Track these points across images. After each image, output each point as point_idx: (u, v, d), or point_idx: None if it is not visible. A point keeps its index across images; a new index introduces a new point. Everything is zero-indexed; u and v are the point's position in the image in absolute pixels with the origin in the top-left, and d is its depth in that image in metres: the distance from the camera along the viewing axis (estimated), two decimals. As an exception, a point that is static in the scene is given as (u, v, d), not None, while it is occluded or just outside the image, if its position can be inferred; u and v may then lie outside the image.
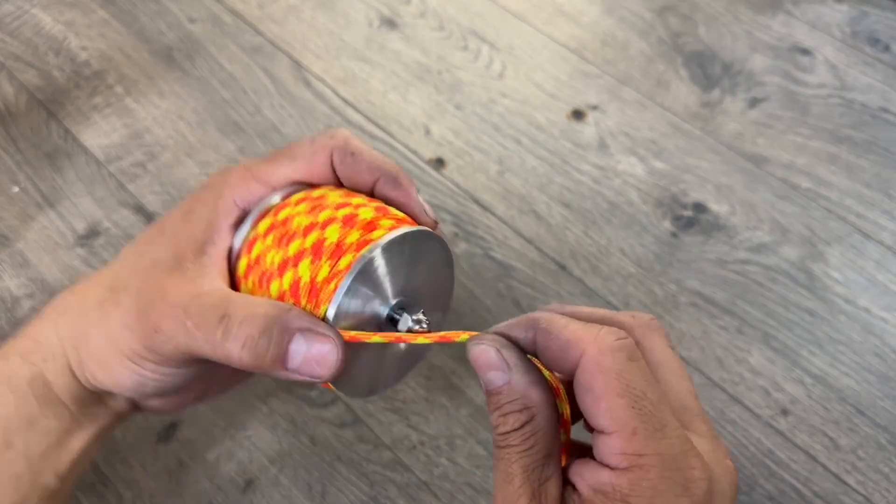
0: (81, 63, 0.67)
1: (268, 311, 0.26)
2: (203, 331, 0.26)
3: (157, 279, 0.28)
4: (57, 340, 0.29)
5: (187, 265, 0.28)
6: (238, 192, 0.30)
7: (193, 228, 0.29)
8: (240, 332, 0.25)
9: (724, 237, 0.57)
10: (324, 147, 0.30)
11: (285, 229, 0.28)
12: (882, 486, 0.47)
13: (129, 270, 0.29)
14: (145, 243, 0.30)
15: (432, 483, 0.47)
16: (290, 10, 0.71)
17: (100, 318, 0.28)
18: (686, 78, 0.67)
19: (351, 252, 0.26)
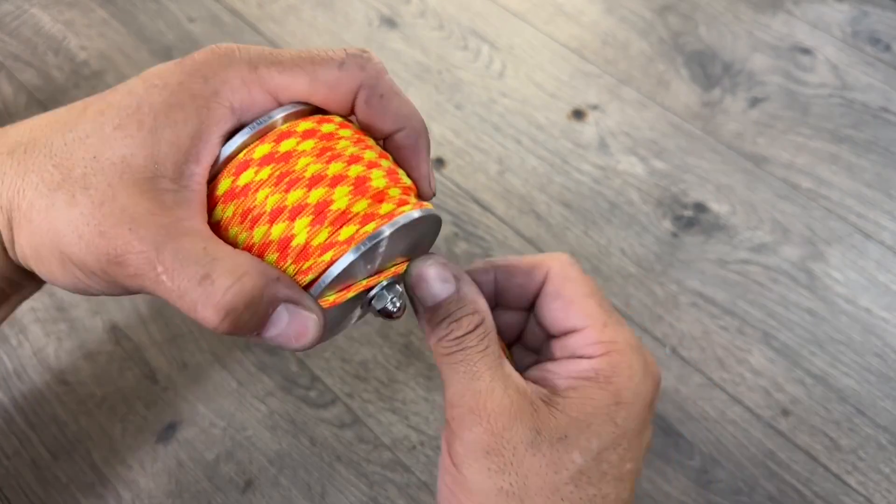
0: (80, 63, 0.67)
1: (256, 282, 0.23)
2: (176, 285, 0.22)
3: (125, 191, 0.23)
4: (17, 195, 0.24)
5: (164, 183, 0.24)
6: (237, 96, 0.25)
7: (178, 131, 0.24)
8: (222, 301, 0.22)
9: (724, 237, 0.57)
10: (352, 77, 0.26)
11: (287, 167, 0.25)
12: (883, 487, 0.47)
13: (96, 154, 0.24)
14: (114, 128, 0.25)
15: (432, 483, 0.46)
16: (290, 9, 0.71)
17: (47, 207, 0.24)
18: (686, 78, 0.67)
19: (355, 224, 0.24)
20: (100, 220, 0.23)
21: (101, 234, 0.23)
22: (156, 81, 0.25)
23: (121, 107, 0.25)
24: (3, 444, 0.48)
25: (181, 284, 0.22)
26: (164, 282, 0.22)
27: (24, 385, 0.50)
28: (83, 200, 0.23)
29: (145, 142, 0.24)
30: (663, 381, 0.50)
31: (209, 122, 0.25)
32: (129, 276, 0.23)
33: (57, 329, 0.52)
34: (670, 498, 0.46)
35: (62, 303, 0.53)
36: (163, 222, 0.23)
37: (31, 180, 0.24)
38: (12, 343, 0.52)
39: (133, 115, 0.25)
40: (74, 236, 0.23)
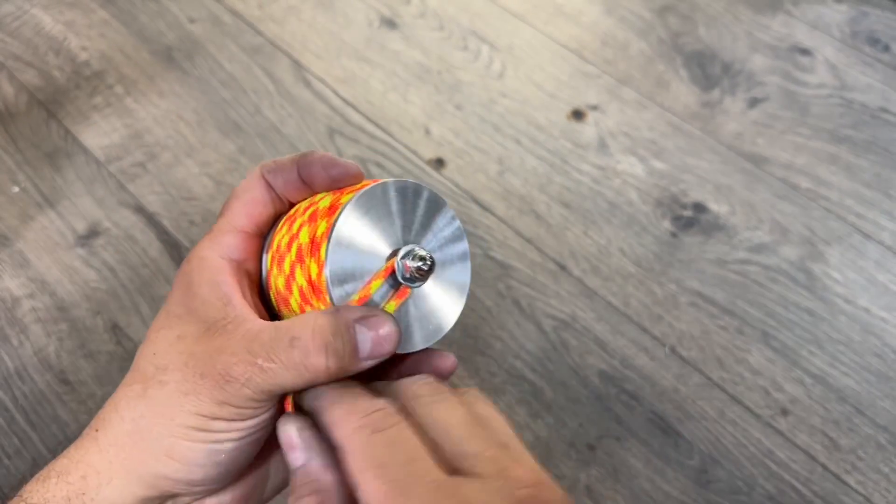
0: (81, 63, 0.67)
1: (326, 318, 0.27)
2: (279, 360, 0.27)
3: (195, 347, 0.28)
4: (98, 454, 0.29)
5: (219, 323, 0.29)
6: (216, 250, 0.31)
7: (202, 295, 0.30)
8: (316, 344, 0.27)
9: (723, 237, 0.57)
10: (254, 171, 0.32)
11: (279, 254, 0.31)
12: (882, 486, 0.47)
13: (156, 355, 0.29)
14: (157, 330, 0.30)
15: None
16: (290, 10, 0.71)
17: (147, 406, 0.28)
18: (686, 78, 0.67)
19: (324, 242, 0.28)
20: (195, 371, 0.28)
21: (202, 376, 0.27)
22: (167, 300, 0.31)
23: (155, 323, 0.30)
24: (4, 444, 0.48)
25: (280, 357, 0.27)
26: (268, 366, 0.27)
27: (25, 385, 0.50)
28: (171, 375, 0.28)
29: (185, 319, 0.29)
30: (662, 381, 0.51)
31: (214, 273, 0.30)
32: (244, 384, 0.27)
33: (58, 329, 0.52)
34: (670, 497, 0.47)
35: (63, 303, 0.54)
36: (236, 338, 0.28)
37: (122, 409, 0.29)
38: (13, 343, 0.52)
39: (167, 317, 0.30)
40: (185, 399, 0.27)
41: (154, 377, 0.28)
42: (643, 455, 0.48)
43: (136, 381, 0.29)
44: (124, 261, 0.56)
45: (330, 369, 0.27)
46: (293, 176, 0.32)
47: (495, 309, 0.54)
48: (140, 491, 0.29)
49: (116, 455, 0.29)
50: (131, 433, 0.28)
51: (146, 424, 0.28)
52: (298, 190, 0.32)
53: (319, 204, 0.30)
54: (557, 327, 0.53)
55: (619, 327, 0.53)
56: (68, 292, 0.54)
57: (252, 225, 0.32)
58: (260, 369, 0.27)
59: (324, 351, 0.27)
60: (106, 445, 0.29)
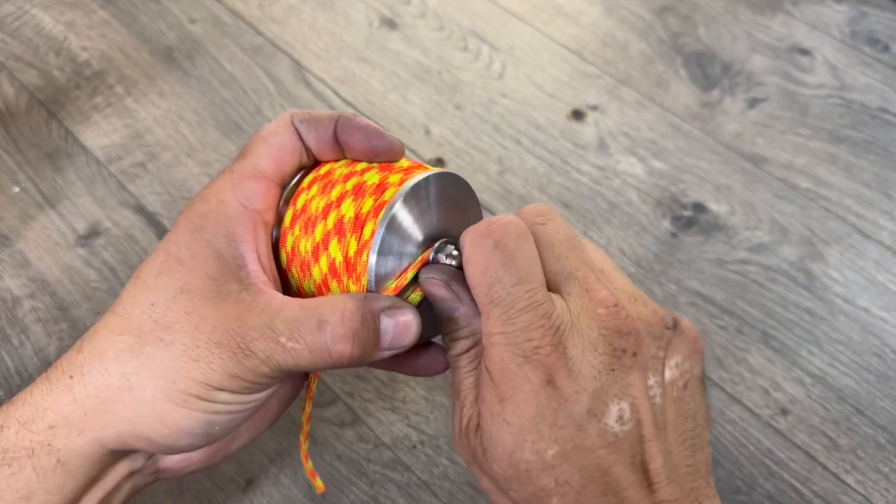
0: (82, 63, 0.67)
1: (355, 305, 0.27)
2: (303, 342, 0.26)
3: (206, 309, 0.26)
4: (73, 404, 0.26)
5: (231, 286, 0.27)
6: (237, 194, 0.29)
7: (215, 246, 0.27)
8: (345, 331, 0.26)
9: (723, 237, 0.57)
10: (283, 116, 0.30)
11: (308, 216, 0.29)
12: (881, 486, 0.47)
13: (155, 307, 0.27)
14: (154, 275, 0.27)
15: (432, 483, 0.47)
16: (291, 10, 0.71)
17: (143, 365, 0.26)
18: (686, 78, 0.67)
19: (370, 221, 0.27)
20: (206, 338, 0.26)
21: (217, 345, 0.26)
22: (168, 237, 0.28)
23: (153, 263, 0.28)
24: (5, 444, 0.48)
25: (306, 340, 0.26)
26: (290, 345, 0.26)
27: (26, 384, 0.50)
28: (177, 336, 0.26)
29: (191, 270, 0.27)
30: (662, 381, 0.51)
31: (233, 223, 0.28)
32: (263, 361, 0.26)
33: (58, 329, 0.53)
34: (669, 497, 0.47)
35: (63, 302, 0.54)
36: (257, 311, 0.26)
37: (108, 360, 0.27)
38: (14, 343, 0.52)
39: (167, 259, 0.28)
40: (192, 365, 0.26)
41: (153, 333, 0.26)
42: (643, 455, 0.48)
43: (127, 331, 0.27)
44: (125, 261, 0.56)
45: (353, 356, 0.27)
46: (328, 134, 0.30)
47: (495, 309, 0.54)
48: (110, 444, 0.27)
49: (95, 408, 0.26)
50: (118, 389, 0.26)
51: (139, 383, 0.26)
52: (331, 149, 0.31)
53: (366, 177, 0.29)
54: (557, 327, 0.53)
55: (618, 327, 0.53)
56: (69, 292, 0.54)
57: (277, 172, 0.30)
58: (283, 348, 0.26)
59: (351, 338, 0.27)
60: (83, 396, 0.26)
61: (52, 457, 0.26)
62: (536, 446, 0.25)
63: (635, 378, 0.27)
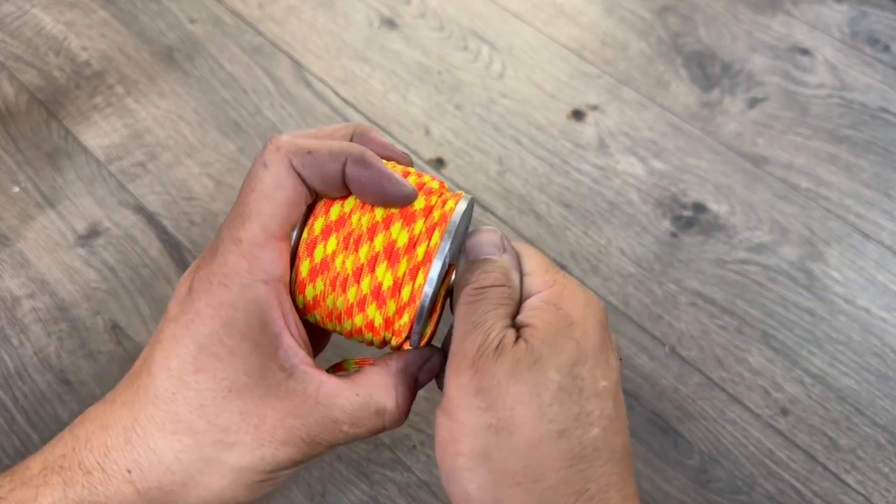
0: (82, 63, 0.67)
1: (404, 384, 0.29)
2: (365, 428, 0.28)
3: (262, 409, 0.27)
4: (135, 494, 0.27)
5: (276, 376, 0.27)
6: (256, 271, 0.27)
7: (250, 337, 0.27)
8: (399, 413, 0.29)
9: (723, 237, 0.57)
10: (281, 160, 0.28)
11: (333, 273, 0.29)
12: (881, 486, 0.47)
13: (205, 409, 0.27)
14: (193, 373, 0.27)
15: (432, 483, 0.47)
16: (291, 10, 0.71)
17: (208, 465, 0.27)
18: (686, 78, 0.67)
19: (408, 284, 0.28)
20: (269, 438, 0.27)
21: (282, 443, 0.27)
22: (193, 327, 0.28)
23: (184, 357, 0.27)
24: (5, 444, 0.48)
25: (368, 425, 0.28)
26: (354, 432, 0.28)
27: (26, 385, 0.51)
28: (238, 439, 0.27)
29: (234, 366, 0.27)
30: (662, 381, 0.51)
31: (263, 308, 0.27)
32: (325, 447, 0.28)
33: (58, 329, 0.52)
34: (669, 497, 0.47)
35: (63, 303, 0.54)
36: (312, 402, 0.27)
37: (169, 460, 0.27)
38: (13, 343, 0.52)
39: (201, 354, 0.27)
40: (255, 463, 0.27)
41: (211, 435, 0.27)
42: (643, 455, 0.48)
43: (180, 431, 0.27)
44: (125, 261, 0.56)
45: (399, 424, 0.30)
46: (335, 174, 0.28)
47: (495, 309, 0.54)
48: None
49: (159, 498, 0.28)
50: (182, 485, 0.27)
51: (204, 480, 0.27)
52: (339, 190, 0.29)
53: (392, 233, 0.28)
54: (557, 327, 0.53)
55: (618, 327, 0.53)
56: (68, 292, 0.54)
57: (286, 230, 0.28)
58: (345, 435, 0.28)
59: (405, 417, 0.29)
60: (146, 489, 0.27)
61: None
62: (594, 371, 0.27)
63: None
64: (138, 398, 0.27)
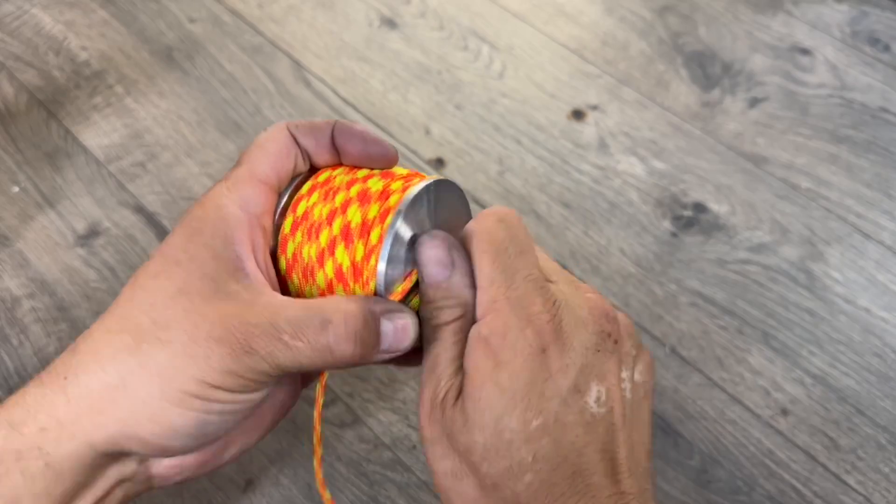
0: (81, 63, 0.67)
1: (358, 306, 0.27)
2: (306, 340, 0.27)
3: (205, 307, 0.26)
4: (66, 405, 0.26)
5: (230, 286, 0.27)
6: (234, 199, 0.29)
7: (213, 248, 0.27)
8: (348, 331, 0.27)
9: (724, 237, 0.57)
10: (279, 124, 0.31)
11: (310, 222, 0.29)
12: (882, 486, 0.47)
13: (153, 307, 0.27)
14: (152, 277, 0.27)
15: (432, 483, 0.47)
16: (290, 9, 0.71)
17: (140, 363, 0.26)
18: (686, 78, 0.67)
19: (377, 226, 0.28)
20: (205, 335, 0.26)
21: (217, 342, 0.26)
22: (165, 241, 0.28)
23: (151, 264, 0.28)
24: (4, 444, 0.48)
25: (309, 338, 0.27)
26: (293, 343, 0.26)
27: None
28: (175, 335, 0.26)
29: (188, 271, 0.27)
30: (662, 381, 0.51)
31: (229, 227, 0.28)
32: (264, 358, 0.26)
33: (58, 329, 0.52)
34: (669, 497, 0.47)
35: (63, 303, 0.54)
36: (258, 309, 0.27)
37: (104, 359, 0.26)
38: (13, 343, 0.52)
39: (164, 262, 0.28)
40: (189, 363, 0.26)
41: (151, 332, 0.26)
42: (643, 455, 0.48)
43: (125, 330, 0.26)
44: (124, 261, 0.56)
45: (354, 356, 0.27)
46: (326, 140, 0.31)
47: (495, 309, 0.54)
48: (102, 447, 0.27)
49: (88, 409, 0.26)
50: (113, 388, 0.26)
51: (134, 381, 0.26)
52: (328, 154, 0.31)
53: (369, 184, 0.30)
54: (557, 327, 0.53)
55: (619, 327, 0.53)
56: (68, 292, 0.54)
57: (274, 178, 0.30)
58: (284, 345, 0.26)
59: (353, 339, 0.27)
60: (77, 397, 0.26)
61: (41, 460, 0.26)
62: (524, 416, 0.26)
63: (613, 365, 0.28)
64: (102, 315, 0.28)
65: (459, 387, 0.27)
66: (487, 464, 0.26)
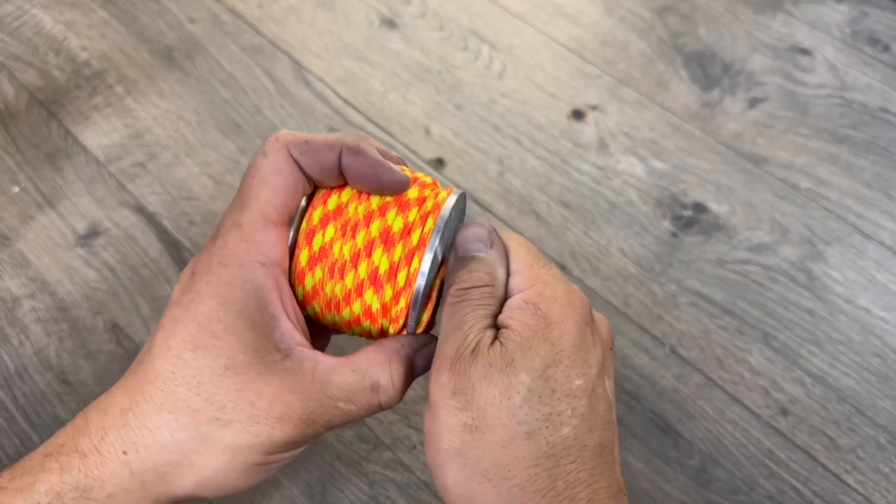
0: (81, 63, 0.67)
1: (400, 363, 0.30)
2: (359, 405, 0.29)
3: (259, 385, 0.27)
4: (131, 477, 0.27)
5: (273, 356, 0.27)
6: (254, 252, 0.28)
7: (248, 316, 0.27)
8: (395, 390, 0.29)
9: (723, 237, 0.57)
10: (279, 149, 0.29)
11: (331, 261, 0.29)
12: (882, 486, 0.47)
13: (202, 386, 0.27)
14: (192, 350, 0.27)
15: (432, 483, 0.47)
16: (290, 10, 0.71)
17: (203, 443, 0.27)
18: (686, 78, 0.67)
19: (403, 268, 0.29)
20: (265, 414, 0.27)
21: (278, 420, 0.27)
22: (192, 306, 0.28)
23: (183, 336, 0.28)
24: (5, 444, 0.48)
25: (363, 401, 0.29)
26: (349, 408, 0.28)
27: (26, 385, 0.51)
28: (234, 416, 0.27)
29: (231, 344, 0.27)
30: (662, 381, 0.51)
31: (261, 289, 0.28)
32: (323, 425, 0.28)
33: (58, 329, 0.52)
34: (669, 497, 0.47)
35: (63, 303, 0.54)
36: (308, 380, 0.28)
37: (164, 440, 0.27)
38: (13, 343, 0.52)
39: (200, 333, 0.28)
40: (250, 442, 0.27)
41: (207, 413, 0.27)
42: (643, 455, 0.48)
43: (177, 409, 0.27)
44: (124, 261, 0.56)
45: (397, 402, 0.30)
46: (332, 165, 0.29)
47: (495, 309, 0.54)
48: (164, 502, 0.29)
49: (154, 481, 0.28)
50: (177, 465, 0.27)
51: (199, 460, 0.27)
52: (335, 178, 0.30)
53: (388, 220, 0.29)
54: (557, 327, 0.53)
55: (619, 327, 0.53)
56: (68, 292, 0.54)
57: (286, 216, 0.30)
58: (340, 411, 0.28)
59: (401, 395, 0.30)
60: (141, 470, 0.27)
61: None
62: (569, 371, 0.27)
63: (609, 368, 0.30)
64: (138, 381, 0.28)
65: (492, 339, 0.28)
66: (528, 408, 0.27)
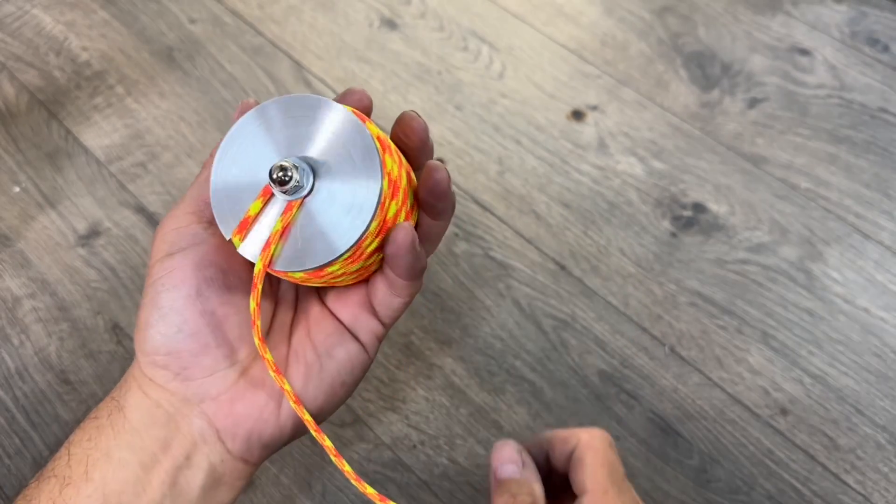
0: (82, 63, 0.67)
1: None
2: None
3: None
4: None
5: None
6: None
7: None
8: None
9: (723, 237, 0.57)
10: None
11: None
12: (881, 486, 0.47)
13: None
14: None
15: (432, 483, 0.47)
16: (291, 10, 0.71)
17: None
18: (685, 78, 0.67)
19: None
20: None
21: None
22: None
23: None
24: (5, 444, 0.48)
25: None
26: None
27: (26, 384, 0.51)
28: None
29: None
30: (662, 381, 0.51)
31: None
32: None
33: (59, 329, 0.53)
34: (669, 497, 0.47)
35: (63, 303, 0.54)
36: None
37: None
38: (14, 343, 0.52)
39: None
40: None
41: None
42: (643, 454, 0.48)
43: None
44: (125, 261, 0.56)
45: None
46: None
47: (495, 309, 0.54)
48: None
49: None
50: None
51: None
52: None
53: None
54: (557, 327, 0.53)
55: (618, 327, 0.53)
56: (69, 292, 0.54)
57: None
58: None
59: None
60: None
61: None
62: None
63: None
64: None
65: None
66: None
